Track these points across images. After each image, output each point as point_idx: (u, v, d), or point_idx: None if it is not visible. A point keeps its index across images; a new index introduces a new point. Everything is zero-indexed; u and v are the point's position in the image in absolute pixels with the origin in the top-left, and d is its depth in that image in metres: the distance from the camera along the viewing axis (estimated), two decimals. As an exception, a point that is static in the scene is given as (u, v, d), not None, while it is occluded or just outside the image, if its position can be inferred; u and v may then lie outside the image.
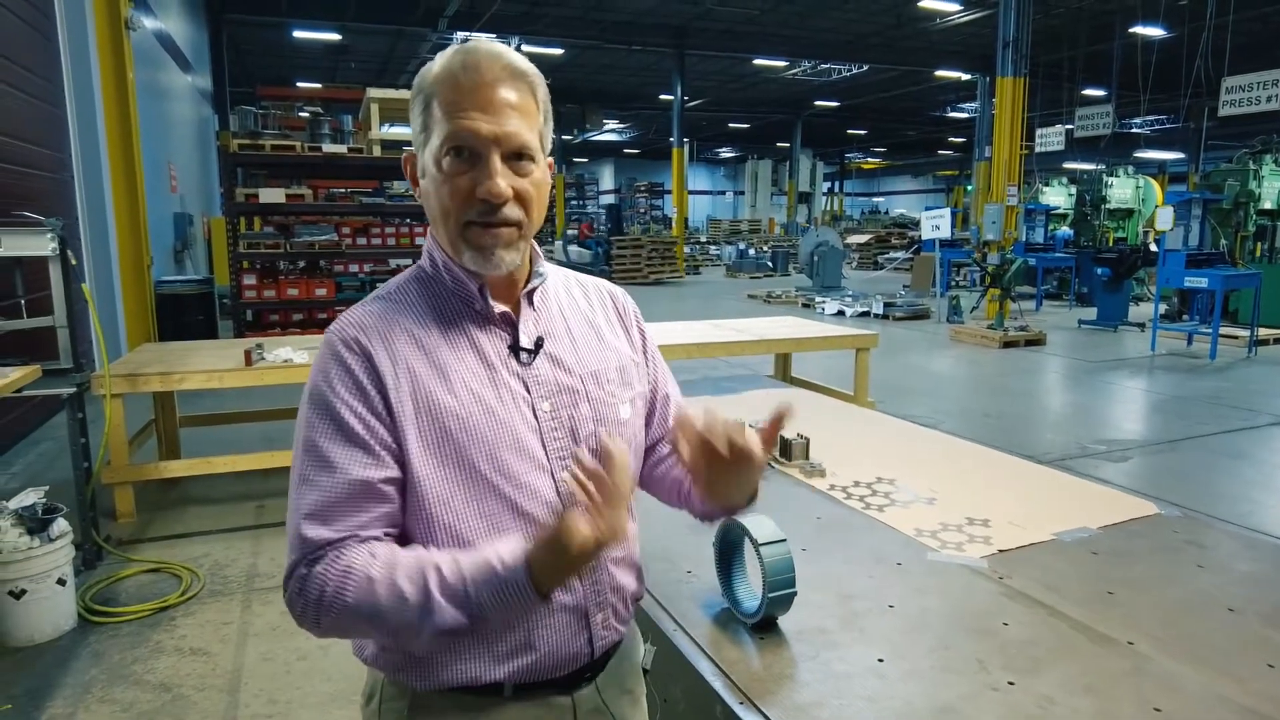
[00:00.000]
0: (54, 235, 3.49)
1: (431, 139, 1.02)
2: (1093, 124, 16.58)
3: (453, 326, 1.07)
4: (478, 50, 1.01)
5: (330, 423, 0.98)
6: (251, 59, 23.14)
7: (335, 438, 0.98)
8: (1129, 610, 1.46)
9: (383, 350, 1.01)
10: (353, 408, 0.98)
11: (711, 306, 15.03)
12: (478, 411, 1.02)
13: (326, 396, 0.99)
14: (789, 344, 5.71)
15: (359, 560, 0.95)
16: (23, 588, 3.00)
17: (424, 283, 1.10)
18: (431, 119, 1.02)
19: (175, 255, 11.03)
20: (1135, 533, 1.82)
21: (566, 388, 1.10)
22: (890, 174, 52.67)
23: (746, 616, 1.40)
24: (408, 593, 0.92)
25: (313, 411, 1.00)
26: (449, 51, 1.03)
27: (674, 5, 18.10)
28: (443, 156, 1.00)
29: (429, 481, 1.00)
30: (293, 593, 0.97)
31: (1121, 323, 11.79)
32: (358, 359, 1.00)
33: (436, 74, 1.02)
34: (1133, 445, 6.06)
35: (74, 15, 7.32)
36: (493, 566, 0.93)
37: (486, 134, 0.99)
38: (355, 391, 0.99)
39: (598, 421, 1.12)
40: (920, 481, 2.14)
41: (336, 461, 0.97)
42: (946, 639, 1.37)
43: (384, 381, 1.00)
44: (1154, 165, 29.04)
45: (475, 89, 0.99)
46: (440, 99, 1.01)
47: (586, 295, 1.24)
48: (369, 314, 1.06)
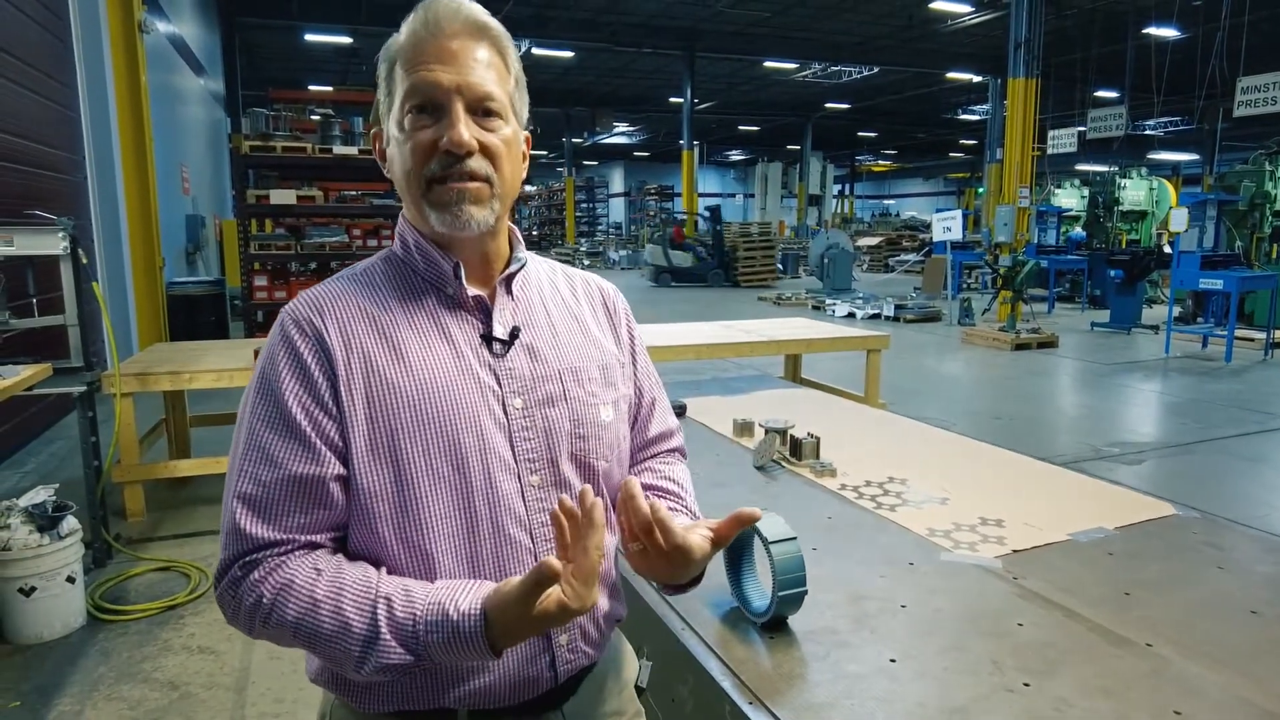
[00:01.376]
0: (65, 234, 3.51)
1: (393, 100, 0.96)
2: (1105, 125, 16.47)
3: (419, 310, 0.98)
4: (437, 5, 0.95)
5: (274, 410, 0.91)
6: (263, 62, 23.30)
7: (277, 427, 0.90)
8: (1147, 611, 1.43)
9: (335, 332, 0.93)
10: (298, 396, 0.91)
11: (721, 309, 15.00)
12: (438, 400, 0.93)
13: (272, 381, 0.92)
14: (799, 345, 5.68)
15: (301, 576, 0.87)
16: (32, 585, 3.01)
17: (393, 263, 1.03)
18: (394, 83, 0.96)
19: (187, 256, 11.10)
20: (1152, 533, 1.79)
21: (542, 384, 1.01)
22: (901, 176, 52.52)
23: (756, 616, 1.38)
24: (353, 622, 0.85)
25: (257, 395, 0.92)
26: (411, 13, 0.98)
27: (684, 8, 18.11)
28: (404, 115, 0.95)
29: (375, 477, 0.92)
30: (224, 593, 0.90)
31: (1135, 325, 11.69)
32: (308, 341, 0.92)
33: (399, 38, 0.97)
34: (1147, 448, 6.00)
35: (88, 18, 7.38)
36: (447, 613, 0.85)
37: (448, 84, 0.93)
38: (301, 378, 0.91)
39: (575, 423, 1.03)
40: (932, 481, 2.11)
41: (277, 454, 0.90)
42: (960, 640, 1.34)
43: (334, 368, 0.92)
44: (1168, 167, 28.85)
45: (434, 40, 0.94)
46: (403, 60, 0.95)
47: (573, 288, 1.15)
48: (327, 292, 0.98)
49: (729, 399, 3.23)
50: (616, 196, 45.51)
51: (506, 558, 0.96)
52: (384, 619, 0.85)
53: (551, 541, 0.89)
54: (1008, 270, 11.14)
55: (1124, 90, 17.58)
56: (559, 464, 1.01)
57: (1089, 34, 17.58)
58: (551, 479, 1.00)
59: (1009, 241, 12.40)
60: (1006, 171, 12.97)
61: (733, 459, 2.32)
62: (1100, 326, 11.95)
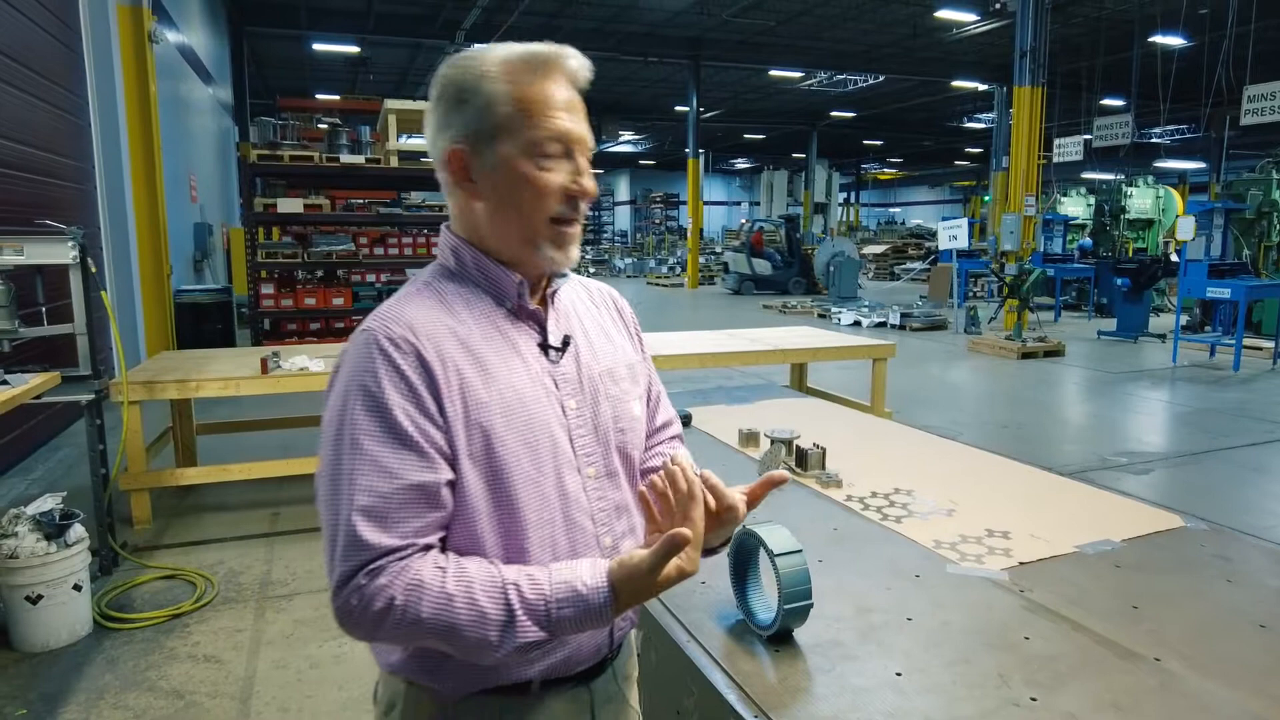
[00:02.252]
0: (75, 243, 3.53)
1: (513, 135, 1.02)
2: (1111, 134, 16.44)
3: (488, 323, 1.06)
4: (568, 57, 1.05)
5: (381, 424, 0.95)
6: (272, 71, 23.45)
7: (387, 440, 0.95)
8: (1155, 625, 1.42)
9: (431, 349, 0.99)
10: (405, 410, 0.96)
11: (726, 316, 14.99)
12: (519, 410, 1.02)
13: (377, 396, 0.95)
14: (804, 354, 5.67)
15: (428, 574, 0.93)
16: (39, 593, 3.02)
17: (454, 279, 1.09)
18: (501, 114, 1.02)
19: (195, 264, 11.15)
20: (1160, 545, 1.78)
21: (589, 385, 1.12)
22: (907, 184, 52.47)
23: (761, 628, 1.38)
24: (489, 610, 0.93)
25: (361, 411, 0.95)
26: (507, 47, 1.04)
27: (690, 17, 18.17)
28: (535, 154, 1.02)
29: (475, 480, 1.00)
30: (348, 602, 0.92)
31: (1142, 334, 11.65)
32: (408, 358, 0.97)
33: (501, 71, 1.03)
34: (1155, 458, 5.97)
35: (99, 28, 7.44)
36: (577, 589, 0.94)
37: (578, 136, 1.04)
38: (408, 393, 0.96)
39: (616, 419, 1.14)
40: (938, 492, 2.10)
41: (390, 465, 0.94)
42: (966, 653, 1.34)
43: (436, 382, 0.98)
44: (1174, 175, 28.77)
45: (568, 92, 1.04)
46: (518, 95, 1.01)
47: (591, 297, 1.25)
48: (410, 310, 1.02)
49: (734, 408, 3.23)
50: (622, 204, 45.57)
51: (577, 543, 1.06)
52: (517, 603, 0.93)
53: (608, 526, 1.09)
54: (1014, 279, 11.13)
55: (1130, 98, 17.54)
56: (608, 456, 1.12)
57: (1095, 42, 17.57)
58: (603, 470, 1.11)
59: (1015, 250, 12.38)
60: (1012, 180, 12.95)
61: (738, 469, 2.31)
62: (1107, 335, 11.91)
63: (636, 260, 28.50)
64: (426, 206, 9.75)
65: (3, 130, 5.46)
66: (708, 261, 26.25)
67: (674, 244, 32.32)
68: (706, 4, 17.02)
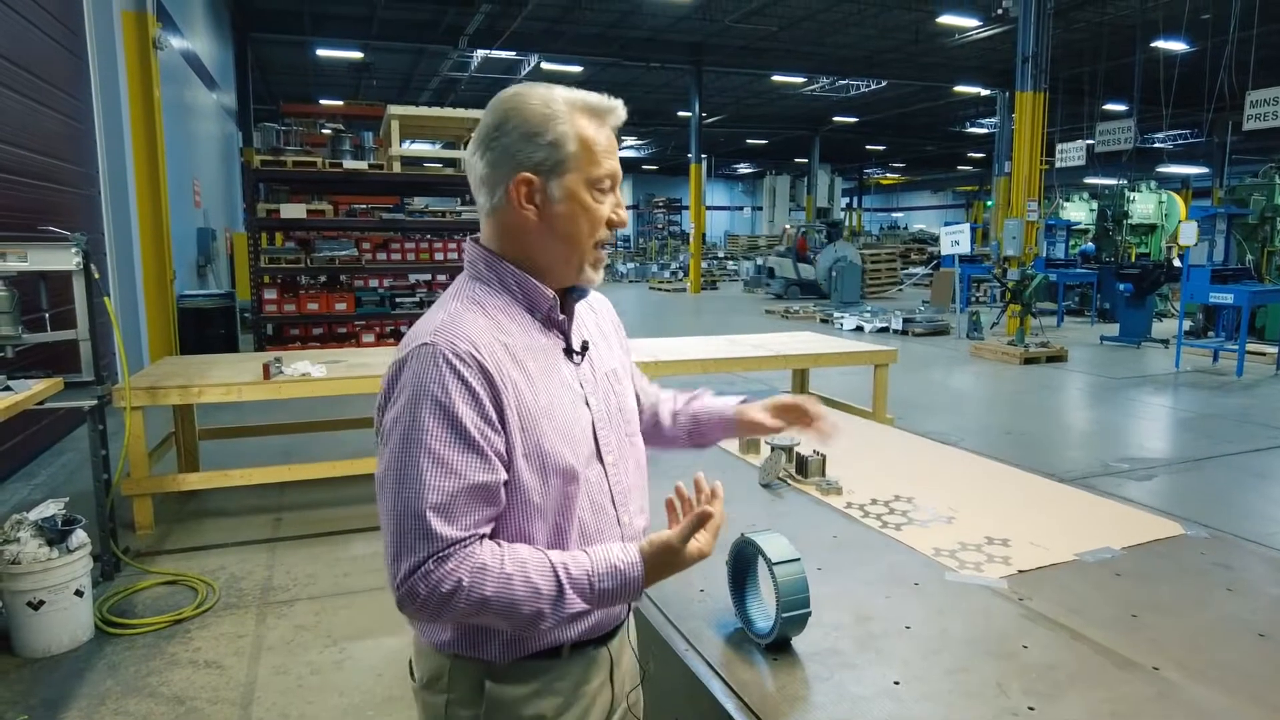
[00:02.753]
0: (78, 250, 3.54)
1: (580, 170, 1.17)
2: (1114, 139, 16.42)
3: (526, 334, 1.20)
4: (605, 100, 1.21)
5: (450, 431, 1.08)
6: (276, 76, 23.52)
7: (455, 445, 1.08)
8: (1155, 634, 1.42)
9: (491, 362, 1.12)
10: (472, 418, 1.09)
11: (728, 321, 15.00)
12: (558, 412, 1.18)
13: (445, 405, 1.08)
14: (807, 359, 5.68)
15: (490, 558, 1.08)
16: (41, 598, 3.02)
17: (491, 292, 1.21)
18: (571, 152, 1.16)
19: (198, 269, 11.18)
20: (1160, 554, 1.78)
21: (603, 383, 1.28)
22: (909, 189, 52.49)
23: (759, 637, 1.38)
24: (542, 587, 1.08)
25: (431, 419, 1.08)
26: (578, 94, 1.19)
27: (692, 22, 18.20)
28: (594, 189, 1.18)
29: (531, 476, 1.14)
30: (416, 585, 1.06)
31: (1145, 339, 11.63)
32: (473, 371, 1.10)
33: (580, 115, 1.17)
34: (1157, 463, 5.96)
35: (103, 34, 7.48)
36: (614, 564, 1.12)
37: (618, 174, 1.22)
38: (473, 403, 1.09)
39: (622, 411, 1.31)
40: (939, 499, 2.10)
41: (457, 467, 1.08)
42: (965, 661, 1.34)
43: (499, 394, 1.11)
44: (1177, 180, 28.75)
45: (609, 135, 1.20)
46: (586, 139, 1.17)
47: (591, 305, 1.38)
48: (470, 324, 1.15)
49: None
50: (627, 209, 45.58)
51: (602, 525, 1.22)
52: (565, 579, 1.10)
53: (625, 508, 1.26)
54: (1016, 284, 11.11)
55: (1133, 103, 17.54)
56: (621, 445, 1.29)
57: (1097, 47, 17.58)
58: (618, 457, 1.27)
59: (1018, 255, 12.37)
60: (1015, 185, 12.95)
61: (738, 476, 2.31)
62: (1110, 340, 11.89)
63: (639, 265, 28.50)
64: (429, 212, 9.77)
65: (8, 136, 5.49)
66: (710, 266, 26.26)
67: (676, 249, 32.33)
68: (709, 9, 17.06)
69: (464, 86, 22.39)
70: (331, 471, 4.64)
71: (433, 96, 24.82)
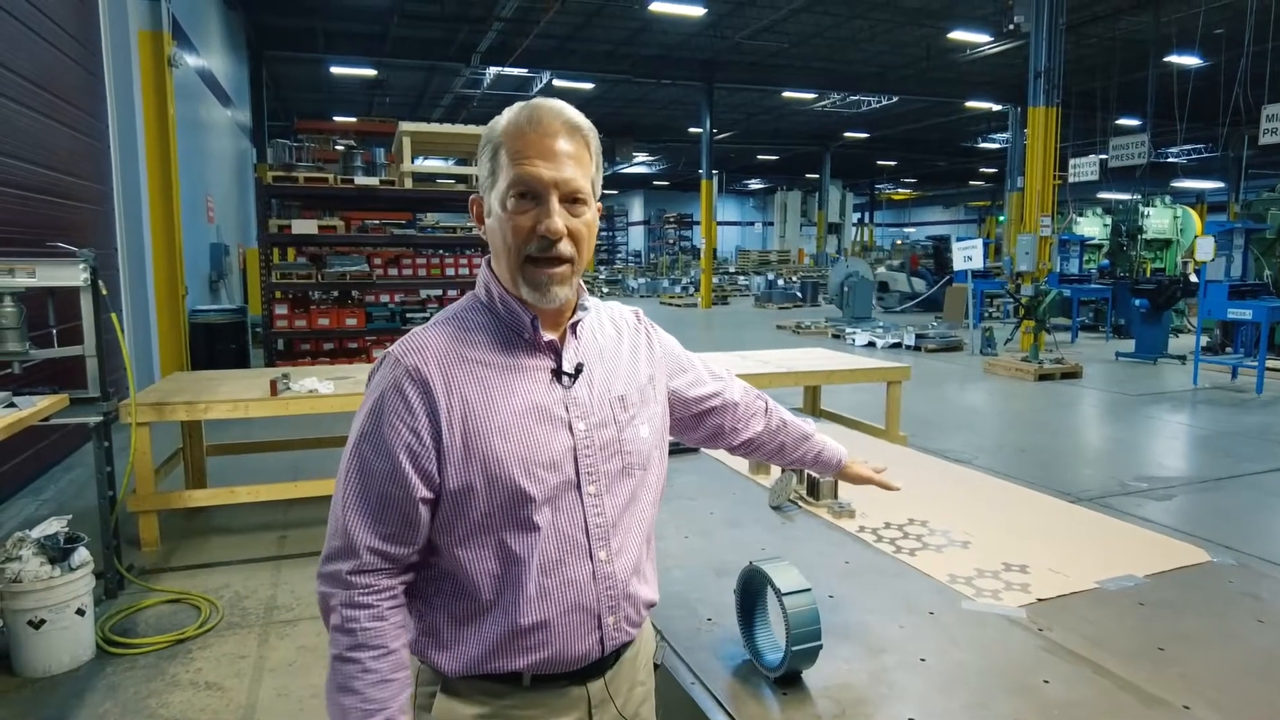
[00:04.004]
0: (86, 266, 3.54)
1: (498, 182, 1.15)
2: (1128, 154, 16.32)
3: (505, 352, 1.18)
4: (541, 107, 1.16)
5: (380, 440, 1.11)
6: (290, 93, 23.77)
7: (381, 453, 1.11)
8: (1183, 669, 1.35)
9: (439, 378, 1.12)
10: (400, 434, 1.10)
11: (740, 336, 14.94)
12: (516, 433, 1.13)
13: (381, 416, 1.12)
14: (818, 376, 5.61)
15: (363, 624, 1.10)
16: (42, 617, 2.99)
17: (481, 310, 1.22)
18: (499, 165, 1.15)
19: (210, 285, 11.23)
20: (1186, 582, 1.71)
21: (599, 409, 1.22)
22: (921, 205, 52.41)
23: (769, 670, 1.33)
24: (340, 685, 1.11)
25: (369, 422, 1.13)
26: (516, 107, 1.18)
27: (703, 40, 18.28)
28: (508, 198, 1.14)
29: (468, 494, 1.12)
30: (324, 585, 1.12)
31: (1161, 355, 11.49)
32: (415, 388, 1.11)
33: (504, 127, 1.16)
34: (1176, 483, 5.85)
35: (119, 52, 7.55)
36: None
37: (548, 179, 1.12)
38: (407, 419, 1.11)
39: (622, 441, 1.23)
40: (954, 523, 2.04)
41: (376, 471, 1.11)
42: (983, 696, 1.28)
43: (437, 414, 1.11)
44: (1191, 195, 28.55)
45: (539, 140, 1.13)
46: (507, 148, 1.14)
47: (615, 325, 1.35)
48: (433, 339, 1.16)
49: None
50: (636, 225, 45.72)
51: (568, 557, 1.16)
52: (336, 691, 1.11)
53: (604, 541, 1.18)
54: (1030, 299, 11.01)
55: (1146, 118, 17.44)
56: (610, 475, 1.21)
57: (1110, 62, 17.52)
58: (604, 488, 1.20)
59: (1031, 270, 12.27)
60: (1028, 200, 12.87)
61: (748, 498, 2.26)
62: (1125, 357, 11.75)
63: (650, 280, 28.51)
64: (441, 228, 9.79)
65: (27, 154, 5.54)
66: (721, 281, 26.23)
67: (687, 264, 32.36)
68: (720, 26, 17.14)
69: (476, 103, 22.55)
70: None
71: (445, 113, 25.00)
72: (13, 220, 5.26)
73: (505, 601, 1.14)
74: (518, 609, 1.13)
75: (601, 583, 1.18)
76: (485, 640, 1.15)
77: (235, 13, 15.01)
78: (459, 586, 1.16)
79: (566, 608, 1.15)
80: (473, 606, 1.15)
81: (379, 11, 16.14)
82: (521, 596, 1.13)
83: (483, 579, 1.14)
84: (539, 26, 15.75)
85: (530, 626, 1.14)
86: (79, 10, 6.78)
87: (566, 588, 1.15)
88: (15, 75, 5.42)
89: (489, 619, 1.14)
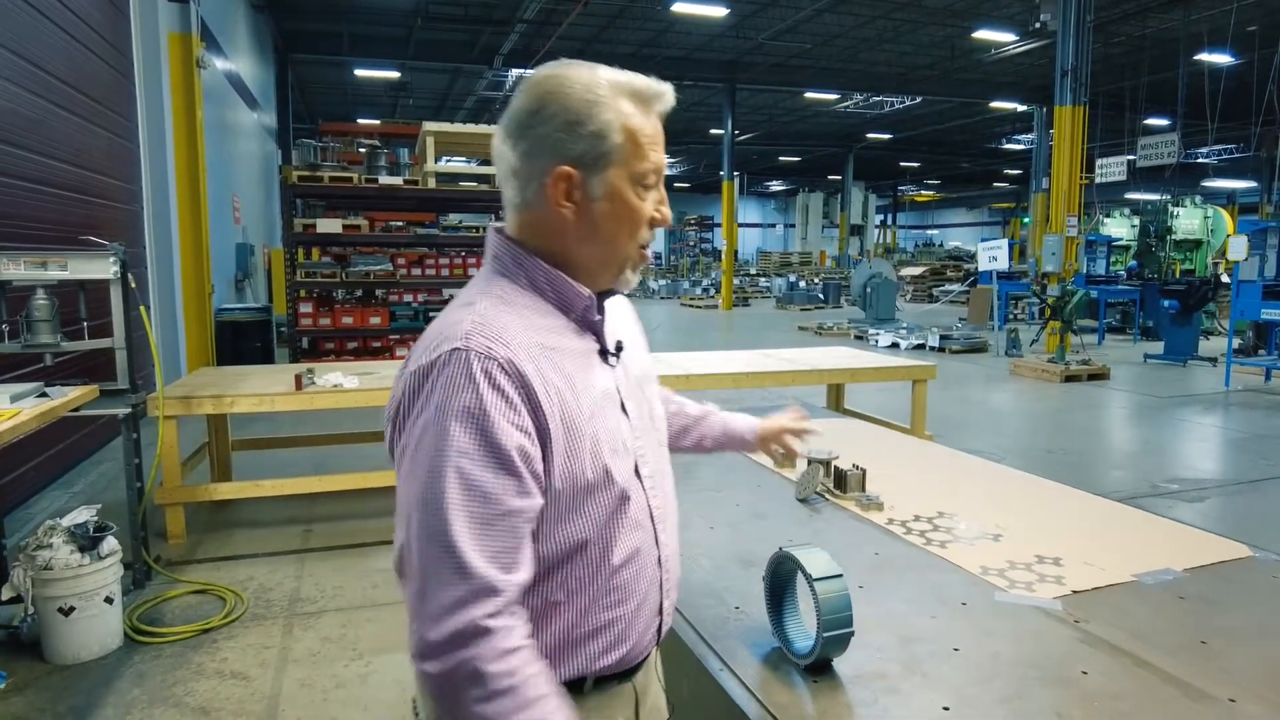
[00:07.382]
0: (116, 259, 3.58)
1: (623, 165, 1.05)
2: (1156, 153, 16.06)
3: (562, 336, 1.07)
4: (668, 92, 1.10)
5: (486, 449, 0.94)
6: (315, 96, 24.03)
7: (491, 465, 0.94)
8: (1227, 663, 1.31)
9: (532, 368, 0.99)
10: (512, 438, 0.95)
11: (761, 337, 14.88)
12: (599, 413, 1.06)
13: (486, 422, 0.94)
14: (842, 374, 5.56)
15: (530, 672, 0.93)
16: (71, 605, 3.03)
17: (519, 290, 1.09)
18: (620, 148, 1.04)
19: (236, 284, 11.37)
20: (1226, 576, 1.66)
21: (637, 387, 1.18)
22: (944, 206, 51.98)
23: (799, 657, 1.30)
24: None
25: (465, 434, 0.94)
26: (609, 76, 1.08)
27: (726, 41, 18.27)
28: (637, 185, 1.06)
29: (572, 496, 1.02)
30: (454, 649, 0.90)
31: (1191, 357, 11.29)
32: (512, 382, 0.97)
33: (622, 103, 1.05)
34: (1209, 484, 5.73)
35: (149, 55, 7.67)
36: None
37: (663, 167, 1.10)
38: (514, 419, 0.96)
39: (653, 417, 1.20)
40: (984, 516, 2.00)
41: (493, 490, 0.94)
42: (1019, 687, 1.25)
43: (540, 407, 0.98)
44: (1222, 195, 28.07)
45: (658, 126, 1.09)
46: (631, 129, 1.04)
47: (619, 307, 1.28)
48: (505, 327, 1.01)
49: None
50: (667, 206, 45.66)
51: (643, 545, 1.11)
52: None
53: (664, 523, 1.15)
54: (1056, 300, 10.87)
55: (1175, 117, 17.17)
56: (657, 453, 1.18)
57: (1138, 61, 17.28)
58: (655, 469, 1.15)
59: (1057, 271, 12.11)
60: (1054, 200, 12.71)
61: (774, 491, 2.24)
62: (1154, 359, 11.57)
63: (671, 282, 28.49)
64: (464, 228, 9.84)
65: (65, 155, 5.64)
66: (742, 283, 26.15)
67: (708, 266, 32.29)
68: (742, 28, 17.10)
69: (499, 105, 22.68)
70: (362, 483, 4.63)
71: (468, 116, 25.18)
72: (50, 219, 5.35)
73: (579, 604, 1.05)
74: (596, 610, 1.05)
75: (664, 567, 1.14)
76: (571, 648, 1.06)
77: (262, 17, 15.20)
78: (536, 594, 1.03)
79: (640, 600, 1.10)
80: (550, 614, 1.04)
81: (403, 14, 16.28)
82: (602, 596, 1.05)
83: (568, 581, 1.04)
84: (561, 28, 15.81)
85: (604, 625, 1.06)
86: (111, 13, 6.89)
87: (639, 579, 1.09)
88: (53, 78, 5.52)
89: (557, 624, 1.04)
